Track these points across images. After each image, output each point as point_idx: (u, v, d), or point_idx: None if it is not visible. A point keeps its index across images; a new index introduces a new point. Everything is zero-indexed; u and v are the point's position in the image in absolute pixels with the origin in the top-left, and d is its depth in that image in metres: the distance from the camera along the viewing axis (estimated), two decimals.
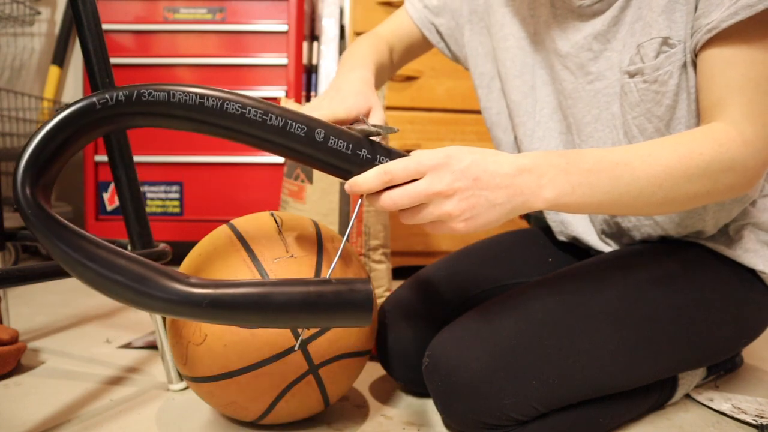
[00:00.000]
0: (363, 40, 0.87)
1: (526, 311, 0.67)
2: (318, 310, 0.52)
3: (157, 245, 0.86)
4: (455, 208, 0.53)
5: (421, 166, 0.53)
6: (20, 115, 1.85)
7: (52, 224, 0.48)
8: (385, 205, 0.54)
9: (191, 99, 0.53)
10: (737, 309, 0.75)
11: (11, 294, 1.38)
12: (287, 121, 0.54)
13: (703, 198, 0.60)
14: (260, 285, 0.52)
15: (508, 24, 0.82)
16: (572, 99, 0.75)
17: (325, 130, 0.56)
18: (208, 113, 0.53)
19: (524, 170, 0.55)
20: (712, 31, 0.60)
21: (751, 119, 0.60)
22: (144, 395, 0.82)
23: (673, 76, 0.66)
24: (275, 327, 0.54)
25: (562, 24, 0.74)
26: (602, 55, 0.72)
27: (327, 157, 0.56)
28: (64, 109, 0.51)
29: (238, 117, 0.53)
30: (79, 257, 0.48)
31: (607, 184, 0.57)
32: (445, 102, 1.61)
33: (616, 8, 0.69)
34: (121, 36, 1.71)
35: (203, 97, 0.53)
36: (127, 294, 0.49)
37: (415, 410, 0.80)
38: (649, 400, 0.77)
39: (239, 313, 0.51)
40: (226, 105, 0.53)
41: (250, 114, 0.54)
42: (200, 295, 0.50)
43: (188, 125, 0.54)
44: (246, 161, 1.71)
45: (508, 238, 0.95)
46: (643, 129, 0.70)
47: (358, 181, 0.55)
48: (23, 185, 0.48)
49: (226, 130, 0.54)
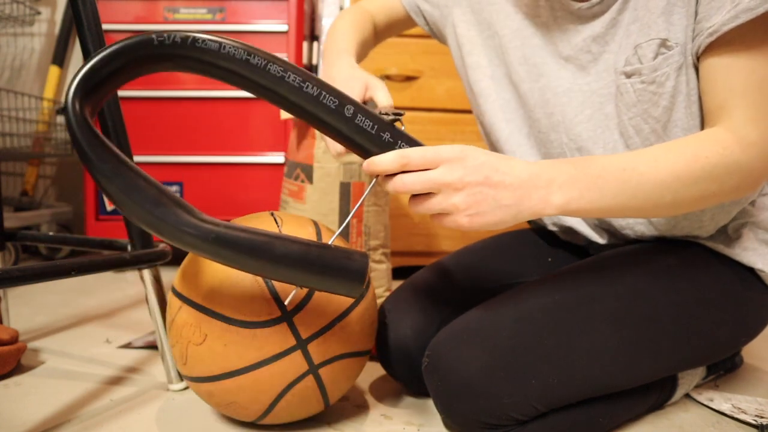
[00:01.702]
0: (345, 18, 0.91)
1: (526, 311, 0.67)
2: (314, 268, 0.55)
3: (157, 245, 0.86)
4: (462, 201, 0.55)
5: (438, 157, 0.55)
6: (20, 115, 1.84)
7: (91, 136, 0.51)
8: (397, 187, 0.56)
9: (239, 54, 0.55)
10: (736, 308, 0.75)
11: (11, 294, 1.38)
12: (322, 92, 0.57)
13: (710, 200, 0.62)
14: (266, 234, 0.54)
15: (499, 22, 0.82)
16: (566, 97, 0.75)
17: (355, 108, 0.58)
18: (252, 70, 0.56)
19: (534, 175, 0.57)
20: (713, 35, 0.61)
21: (754, 122, 0.60)
22: (144, 395, 0.82)
23: (670, 78, 0.66)
24: (271, 277, 0.56)
25: (563, 26, 0.74)
26: (601, 57, 0.72)
27: (351, 133, 0.58)
28: (124, 41, 0.54)
29: (277, 79, 0.56)
30: (106, 170, 0.51)
31: (615, 188, 0.58)
32: (445, 102, 1.61)
33: (614, 10, 0.69)
34: (121, 36, 1.70)
35: (250, 54, 0.56)
36: (141, 214, 0.51)
37: (415, 410, 0.80)
38: (649, 399, 0.77)
39: (241, 255, 0.53)
40: (270, 66, 0.56)
41: (290, 78, 0.56)
42: (208, 230, 0.52)
43: (231, 78, 0.57)
44: (246, 161, 1.71)
45: (508, 238, 0.95)
46: (639, 130, 0.70)
47: (375, 160, 0.57)
48: (74, 97, 0.51)
49: (264, 90, 0.57)
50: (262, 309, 0.63)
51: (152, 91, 1.70)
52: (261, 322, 0.63)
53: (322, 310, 0.66)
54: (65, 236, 1.08)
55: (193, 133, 1.72)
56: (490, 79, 0.84)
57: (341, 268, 0.55)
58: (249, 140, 1.72)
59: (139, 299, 1.39)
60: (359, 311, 0.70)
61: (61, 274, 0.70)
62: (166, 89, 1.71)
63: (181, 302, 0.67)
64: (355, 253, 0.57)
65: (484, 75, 0.85)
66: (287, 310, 0.64)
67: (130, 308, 1.31)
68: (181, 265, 0.72)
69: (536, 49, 0.77)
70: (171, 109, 1.71)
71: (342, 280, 0.56)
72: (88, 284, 1.53)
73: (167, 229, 0.52)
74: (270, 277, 0.56)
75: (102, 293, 1.45)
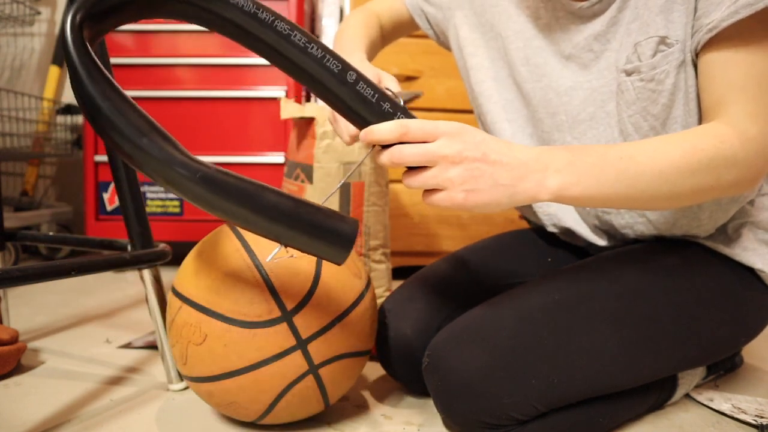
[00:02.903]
0: (354, 18, 0.91)
1: (526, 311, 0.67)
2: (301, 225, 0.51)
3: (157, 245, 0.86)
4: (458, 176, 0.54)
5: (437, 130, 0.55)
6: (20, 115, 1.84)
7: (84, 55, 0.49)
8: (393, 157, 0.55)
9: (248, 6, 0.54)
10: (736, 307, 0.75)
11: (11, 294, 1.38)
12: (326, 54, 0.57)
13: (708, 193, 0.61)
14: (257, 185, 0.51)
15: (503, 23, 0.82)
16: (568, 96, 0.75)
17: (357, 74, 0.58)
18: (259, 24, 0.55)
19: (532, 158, 0.56)
20: (712, 31, 0.61)
21: (753, 117, 0.60)
22: (144, 395, 0.82)
23: (669, 75, 0.66)
24: (256, 230, 0.52)
25: (564, 26, 0.74)
26: (603, 55, 0.72)
27: (351, 101, 0.58)
28: None
29: (284, 36, 0.55)
30: (95, 92, 0.48)
31: (613, 177, 0.58)
32: (445, 102, 1.61)
33: (614, 9, 0.69)
34: (121, 36, 1.71)
35: (259, 8, 0.55)
36: (125, 145, 0.48)
37: (415, 410, 0.80)
38: (649, 399, 0.77)
39: (228, 199, 0.50)
40: (277, 23, 0.55)
41: (295, 37, 0.56)
42: (194, 168, 0.49)
43: (236, 31, 0.56)
44: (246, 161, 1.71)
45: (508, 238, 0.95)
46: (639, 127, 0.70)
47: (374, 129, 0.56)
48: (76, 12, 0.49)
49: (268, 48, 0.56)
50: (262, 309, 0.63)
51: (152, 91, 1.71)
52: (261, 322, 0.63)
53: (322, 310, 0.66)
54: (65, 236, 1.08)
55: (193, 133, 1.72)
56: (493, 80, 0.84)
57: (331, 229, 0.52)
58: (249, 140, 1.72)
59: (139, 299, 1.39)
60: (359, 311, 0.70)
61: (61, 274, 0.70)
62: (166, 89, 1.71)
63: (181, 302, 0.67)
64: (347, 218, 0.54)
65: (487, 76, 0.85)
66: (287, 310, 0.64)
67: (130, 308, 1.31)
68: (181, 265, 0.72)
69: (538, 50, 0.78)
70: (171, 109, 1.71)
71: (330, 242, 0.52)
72: (88, 284, 1.53)
73: (151, 162, 0.48)
74: (254, 229, 0.52)
75: (102, 293, 1.45)
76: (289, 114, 1.16)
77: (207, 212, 0.52)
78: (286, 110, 1.17)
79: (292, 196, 0.53)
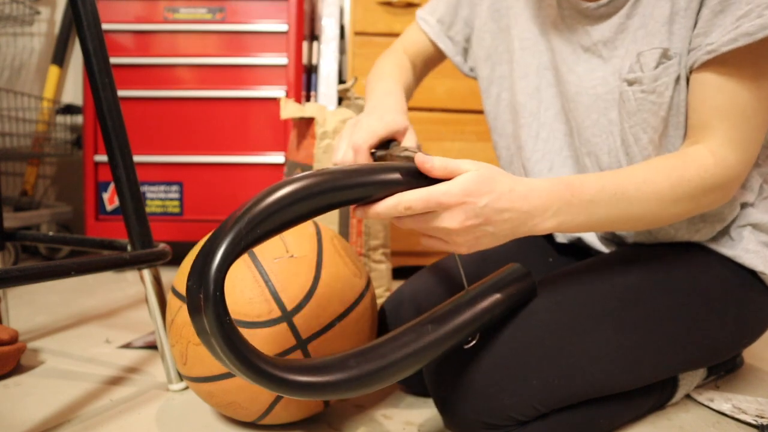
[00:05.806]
0: (388, 60, 0.91)
1: (527, 311, 0.67)
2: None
3: (157, 245, 0.86)
4: (462, 240, 0.56)
5: (440, 206, 0.54)
6: (20, 115, 1.84)
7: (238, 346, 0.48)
8: (395, 222, 0.57)
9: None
10: (738, 309, 0.75)
11: (11, 294, 1.38)
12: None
13: (684, 216, 0.66)
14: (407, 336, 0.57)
15: (514, 25, 0.83)
16: (574, 102, 0.75)
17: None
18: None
19: (535, 206, 0.57)
20: (711, 54, 0.62)
21: (733, 145, 0.63)
22: (144, 395, 0.82)
23: (669, 88, 0.67)
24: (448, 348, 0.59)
25: (571, 27, 0.74)
26: (609, 61, 0.72)
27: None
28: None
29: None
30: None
31: (604, 212, 0.61)
32: (445, 102, 1.61)
33: (623, 15, 0.69)
34: (121, 36, 1.71)
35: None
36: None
37: (415, 410, 0.80)
38: (650, 400, 0.77)
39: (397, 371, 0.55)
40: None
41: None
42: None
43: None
44: (246, 161, 1.71)
45: None
46: (638, 139, 0.70)
47: (376, 209, 0.54)
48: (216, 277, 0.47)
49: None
50: (262, 309, 0.63)
51: (152, 91, 1.70)
52: (261, 322, 0.63)
53: (322, 310, 0.66)
54: (65, 236, 1.08)
55: (193, 133, 1.72)
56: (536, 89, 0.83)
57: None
58: (249, 140, 1.72)
59: (139, 299, 1.39)
60: (359, 311, 0.70)
61: (61, 274, 0.70)
62: (166, 89, 1.71)
63: (181, 302, 0.67)
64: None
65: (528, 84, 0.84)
66: (287, 310, 0.64)
67: (130, 308, 1.31)
68: (181, 265, 0.72)
69: (549, 53, 0.78)
70: (171, 109, 1.71)
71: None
72: (88, 284, 1.53)
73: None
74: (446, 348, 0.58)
75: (102, 293, 1.44)
76: (289, 114, 1.16)
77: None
78: (286, 110, 1.17)
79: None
